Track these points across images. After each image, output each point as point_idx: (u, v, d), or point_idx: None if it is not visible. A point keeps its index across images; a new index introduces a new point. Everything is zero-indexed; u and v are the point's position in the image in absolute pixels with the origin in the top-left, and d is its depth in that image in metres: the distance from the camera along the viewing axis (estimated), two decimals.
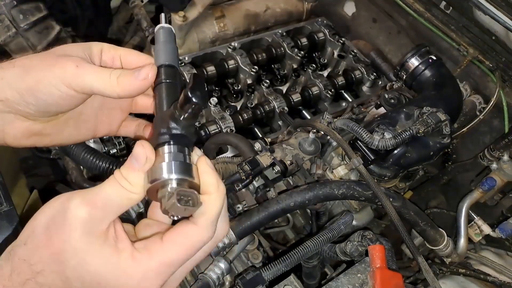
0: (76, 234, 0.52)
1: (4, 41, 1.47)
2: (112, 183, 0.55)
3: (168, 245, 0.54)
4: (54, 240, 0.53)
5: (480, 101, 1.55)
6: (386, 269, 0.95)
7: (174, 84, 0.64)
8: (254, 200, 1.12)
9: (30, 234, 0.55)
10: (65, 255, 0.52)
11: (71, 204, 0.53)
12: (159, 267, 0.54)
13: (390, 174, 1.21)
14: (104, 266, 0.53)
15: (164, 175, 0.54)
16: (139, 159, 0.55)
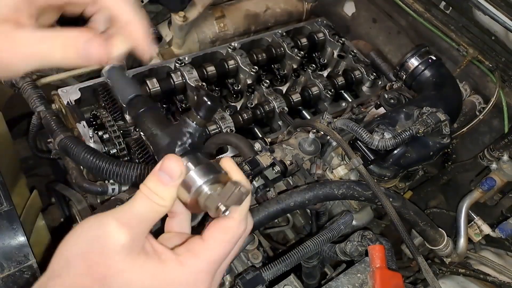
0: (119, 257, 0.52)
1: None
2: (143, 200, 0.54)
3: (210, 243, 0.56)
4: (96, 267, 0.52)
5: (480, 101, 1.55)
6: (386, 269, 0.95)
7: (153, 108, 0.66)
8: (254, 200, 1.13)
9: (65, 265, 0.53)
10: (110, 279, 0.52)
11: (109, 229, 0.52)
12: (208, 266, 0.55)
13: (390, 174, 1.21)
14: (154, 278, 0.53)
15: (200, 181, 0.57)
16: (173, 174, 0.55)
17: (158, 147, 0.63)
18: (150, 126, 0.64)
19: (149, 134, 0.64)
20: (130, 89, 0.67)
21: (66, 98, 1.37)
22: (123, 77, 0.69)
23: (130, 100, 0.67)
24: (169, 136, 0.62)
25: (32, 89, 1.32)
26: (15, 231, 0.98)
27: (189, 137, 0.62)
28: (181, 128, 0.62)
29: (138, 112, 0.66)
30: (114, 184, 1.21)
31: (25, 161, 1.89)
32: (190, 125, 0.62)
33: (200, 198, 0.57)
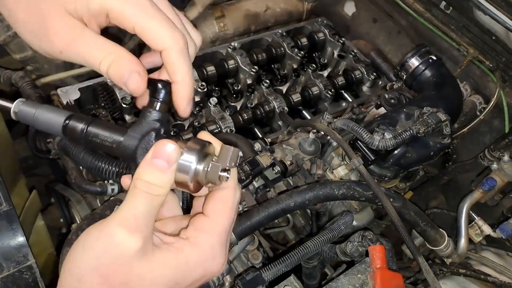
0: (136, 263, 0.51)
1: (4, 41, 1.47)
2: (143, 197, 0.53)
3: (215, 216, 0.58)
4: (112, 278, 0.51)
5: (480, 101, 1.55)
6: (386, 269, 0.95)
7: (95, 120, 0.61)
8: (254, 201, 1.12)
9: (79, 283, 0.52)
10: (130, 284, 0.52)
11: (118, 239, 0.51)
12: (219, 238, 0.57)
13: (391, 174, 1.21)
14: (177, 269, 0.54)
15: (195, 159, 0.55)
16: (171, 158, 0.53)
17: (130, 150, 0.58)
18: (106, 136, 0.59)
19: (110, 145, 0.59)
20: (58, 115, 0.60)
21: (66, 98, 1.37)
22: (40, 107, 0.60)
23: (66, 125, 0.59)
24: (137, 133, 0.59)
25: (32, 89, 1.32)
26: (15, 231, 0.98)
27: (161, 125, 0.59)
28: (147, 120, 0.59)
29: (83, 130, 0.59)
30: (113, 184, 1.20)
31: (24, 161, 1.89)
32: (154, 114, 0.59)
33: (201, 175, 0.55)
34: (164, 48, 0.59)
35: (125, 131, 0.60)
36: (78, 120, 0.59)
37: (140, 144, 0.58)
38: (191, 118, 1.52)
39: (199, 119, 1.48)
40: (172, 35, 0.59)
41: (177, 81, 0.61)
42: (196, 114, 1.49)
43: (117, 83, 0.59)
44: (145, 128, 0.59)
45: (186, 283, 0.56)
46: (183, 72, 0.61)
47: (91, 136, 0.59)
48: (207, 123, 1.40)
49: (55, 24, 0.56)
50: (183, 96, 0.61)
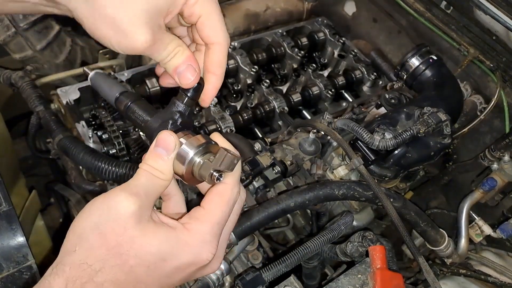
0: (130, 225, 0.56)
1: (3, 41, 1.47)
2: (145, 174, 0.60)
3: (209, 207, 0.63)
4: (108, 236, 0.56)
5: (481, 101, 1.54)
6: (386, 269, 0.95)
7: (139, 99, 0.71)
8: (254, 201, 1.12)
9: (78, 241, 0.56)
10: (124, 246, 0.56)
11: (117, 200, 0.57)
12: (212, 228, 0.62)
13: (391, 174, 1.21)
14: (165, 243, 0.58)
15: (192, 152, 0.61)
16: (168, 147, 0.60)
17: (151, 130, 0.67)
18: (140, 114, 0.68)
19: (141, 122, 0.68)
20: (115, 88, 0.72)
21: (66, 98, 1.37)
22: (107, 79, 0.73)
23: (117, 98, 0.71)
24: (160, 118, 0.67)
25: (31, 89, 1.32)
26: (14, 232, 0.98)
27: (180, 116, 0.67)
28: (171, 109, 0.68)
29: (126, 105, 0.69)
30: (113, 184, 1.20)
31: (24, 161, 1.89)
32: (179, 105, 0.67)
33: (194, 168, 0.62)
34: (217, 42, 0.66)
35: (154, 113, 0.68)
36: (126, 96, 0.70)
37: (158, 127, 0.66)
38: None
39: (199, 119, 1.47)
40: (226, 33, 0.66)
41: (217, 74, 0.68)
42: (196, 114, 1.49)
43: (171, 73, 0.65)
44: (166, 116, 0.67)
45: (173, 262, 0.59)
46: (224, 68, 0.68)
47: (130, 111, 0.69)
48: (207, 123, 1.40)
49: (139, 30, 0.60)
50: (214, 87, 0.68)
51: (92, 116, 1.38)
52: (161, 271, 0.59)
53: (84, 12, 0.59)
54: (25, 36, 1.48)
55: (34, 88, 1.33)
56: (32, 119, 1.43)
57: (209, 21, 0.65)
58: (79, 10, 0.59)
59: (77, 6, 0.59)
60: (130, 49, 0.61)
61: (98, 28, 0.60)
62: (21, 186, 1.56)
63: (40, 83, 1.45)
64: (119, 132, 1.30)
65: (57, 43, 1.58)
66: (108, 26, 0.59)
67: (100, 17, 0.58)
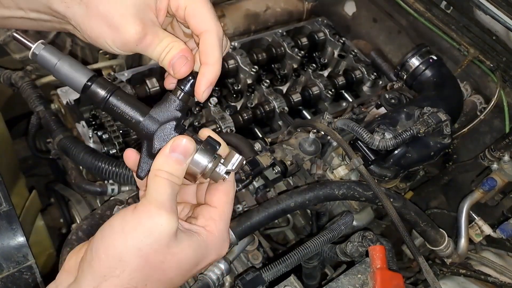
0: (172, 242, 0.59)
1: (4, 41, 1.47)
2: (169, 185, 0.60)
3: (221, 207, 0.66)
4: (152, 257, 0.57)
5: (481, 101, 1.54)
6: (386, 269, 0.95)
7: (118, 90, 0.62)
8: (254, 201, 1.12)
9: (119, 264, 0.56)
10: (167, 263, 0.59)
11: (160, 221, 0.57)
12: (226, 225, 0.67)
13: (391, 174, 1.21)
14: (198, 250, 0.62)
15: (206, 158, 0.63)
16: (187, 153, 0.61)
17: (150, 132, 0.62)
18: (128, 110, 0.61)
19: (129, 119, 0.62)
20: (81, 75, 0.59)
21: (66, 98, 1.37)
22: (64, 59, 0.58)
23: (87, 86, 0.59)
24: (158, 118, 0.62)
25: (32, 89, 1.32)
26: (14, 232, 0.98)
27: (182, 116, 0.64)
28: (169, 107, 0.63)
29: (104, 100, 0.60)
30: (113, 184, 1.20)
31: (24, 161, 1.89)
32: (177, 102, 0.64)
33: (207, 171, 0.63)
34: (206, 30, 0.65)
35: (146, 111, 0.63)
36: (101, 86, 0.60)
37: (160, 128, 0.62)
38: (191, 118, 1.52)
39: (199, 119, 1.47)
40: (216, 21, 0.66)
41: (209, 63, 0.65)
42: (196, 114, 1.49)
43: (167, 68, 0.65)
44: (167, 115, 0.63)
45: (204, 263, 0.65)
46: (216, 56, 0.65)
47: (111, 105, 0.61)
48: (207, 123, 1.40)
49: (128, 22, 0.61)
50: (208, 79, 0.65)
51: (92, 116, 1.38)
52: (192, 273, 0.65)
53: (79, 15, 0.61)
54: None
55: (34, 88, 1.33)
56: (32, 119, 1.43)
57: (195, 11, 0.65)
58: (76, 16, 0.61)
59: (74, 12, 0.61)
60: (124, 44, 0.62)
61: (93, 28, 0.61)
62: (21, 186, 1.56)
63: (40, 83, 1.45)
64: (119, 132, 1.30)
65: (57, 43, 1.58)
66: (101, 23, 0.60)
67: (93, 17, 0.60)
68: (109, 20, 0.60)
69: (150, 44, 0.63)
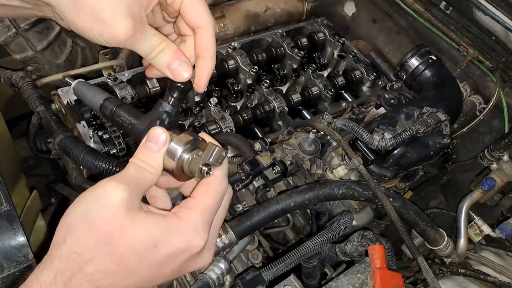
0: (120, 213, 0.56)
1: (4, 41, 1.47)
2: (134, 167, 0.61)
3: (199, 197, 0.64)
4: (98, 225, 0.55)
5: (480, 101, 1.55)
6: (386, 269, 0.95)
7: (124, 104, 0.74)
8: (254, 200, 1.12)
9: (67, 232, 0.56)
10: (114, 235, 0.55)
11: (107, 189, 0.56)
12: (202, 215, 0.62)
13: (390, 174, 1.21)
14: (156, 229, 0.58)
15: (182, 147, 0.63)
16: (159, 141, 0.62)
17: (139, 131, 0.69)
18: (126, 118, 0.71)
19: (128, 125, 0.71)
20: (99, 95, 0.74)
21: (66, 98, 1.37)
22: (90, 87, 0.77)
23: (102, 104, 0.74)
24: (147, 119, 0.69)
25: (32, 89, 1.32)
26: (15, 231, 0.98)
27: (167, 116, 0.69)
28: (158, 110, 0.70)
29: (112, 110, 0.72)
30: None
31: (25, 161, 1.89)
32: (166, 106, 0.70)
33: (184, 164, 0.63)
34: (202, 25, 0.67)
35: (140, 116, 0.71)
36: (111, 102, 0.73)
37: (146, 128, 0.67)
38: (191, 118, 1.52)
39: (199, 119, 1.48)
40: (210, 15, 0.68)
41: (207, 57, 0.69)
42: (196, 114, 1.49)
43: (162, 69, 0.67)
44: (153, 116, 0.69)
45: (165, 248, 0.58)
46: (213, 50, 0.69)
47: (116, 116, 0.72)
48: (207, 123, 1.41)
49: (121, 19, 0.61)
50: (207, 72, 0.69)
51: (93, 116, 1.38)
52: (152, 259, 0.58)
53: (65, 6, 0.60)
54: (26, 37, 1.48)
55: (35, 88, 1.33)
56: (33, 119, 1.43)
57: (192, 6, 0.67)
58: (61, 6, 0.60)
59: (60, 3, 0.60)
60: (112, 39, 0.61)
61: (80, 21, 0.61)
62: (22, 186, 1.57)
63: (41, 83, 1.45)
64: (120, 132, 1.30)
65: (58, 43, 1.58)
66: (89, 17, 0.60)
67: (81, 9, 0.59)
68: (97, 14, 0.59)
69: (139, 41, 0.63)
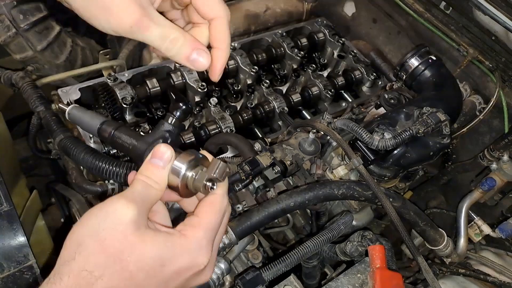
0: (129, 231, 0.57)
1: (4, 41, 1.47)
2: (141, 183, 0.62)
3: (204, 215, 0.66)
4: (108, 243, 0.56)
5: (480, 101, 1.55)
6: (386, 269, 0.95)
7: (123, 126, 0.75)
8: (254, 200, 1.12)
9: (77, 248, 0.56)
10: (124, 252, 0.56)
11: (116, 207, 0.58)
12: (206, 234, 0.64)
13: (390, 174, 1.21)
14: (164, 248, 0.60)
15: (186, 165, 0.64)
16: (165, 157, 0.63)
17: (141, 151, 0.70)
18: (127, 138, 0.72)
19: (128, 146, 0.72)
20: (96, 119, 0.76)
21: (66, 98, 1.37)
22: (86, 112, 0.78)
23: (100, 128, 0.75)
24: (149, 139, 0.70)
25: (32, 89, 1.32)
26: (15, 231, 0.98)
27: (169, 136, 0.71)
28: (160, 129, 0.71)
29: (111, 133, 0.74)
30: (114, 184, 1.21)
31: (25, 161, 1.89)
32: (167, 126, 0.71)
33: (189, 180, 0.65)
34: (217, 16, 0.69)
35: (141, 137, 0.72)
36: (109, 125, 0.75)
37: (149, 147, 0.69)
38: (191, 118, 1.52)
39: (199, 119, 1.48)
40: (225, 6, 0.69)
41: (222, 48, 0.70)
42: (196, 114, 1.49)
43: (181, 61, 0.65)
44: (156, 136, 0.71)
45: (172, 266, 0.61)
46: (228, 40, 0.71)
47: (116, 137, 0.73)
48: (207, 123, 1.41)
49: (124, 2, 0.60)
50: (223, 62, 0.70)
51: None
52: (159, 276, 0.60)
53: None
54: (26, 37, 1.49)
55: (35, 88, 1.33)
56: (33, 120, 1.43)
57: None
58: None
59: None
60: (118, 26, 0.61)
61: (88, 6, 0.61)
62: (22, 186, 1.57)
63: (41, 83, 1.45)
64: None
65: (58, 43, 1.58)
66: (95, 3, 0.60)
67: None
68: (105, 1, 0.59)
69: (146, 29, 0.62)
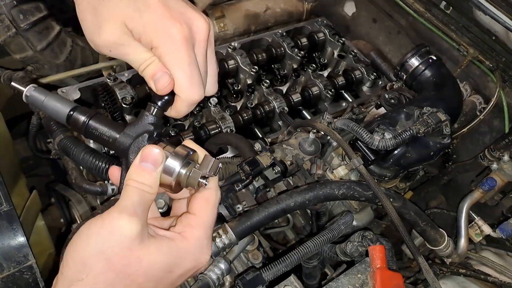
0: (135, 246, 0.58)
1: (4, 41, 1.47)
2: (136, 192, 0.60)
3: (200, 214, 0.66)
4: (115, 260, 0.57)
5: (480, 101, 1.55)
6: (386, 269, 0.95)
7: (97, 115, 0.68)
8: (254, 200, 1.12)
9: (83, 269, 0.56)
10: (132, 267, 0.58)
11: (121, 224, 0.57)
12: (205, 232, 0.65)
13: (390, 174, 1.21)
14: (169, 256, 0.61)
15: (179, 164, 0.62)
16: (156, 162, 0.61)
17: (125, 147, 0.65)
18: (104, 131, 0.66)
19: (107, 138, 0.66)
20: (65, 105, 0.66)
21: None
22: (51, 96, 0.66)
23: (70, 115, 0.66)
24: (132, 133, 0.66)
25: None
26: (15, 231, 0.98)
27: (154, 129, 0.66)
28: (143, 122, 0.66)
29: (85, 123, 0.66)
30: (113, 184, 1.20)
31: (25, 161, 1.89)
32: (150, 117, 0.66)
33: (182, 178, 0.63)
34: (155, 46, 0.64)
35: (122, 129, 0.66)
36: (81, 112, 0.66)
37: (133, 142, 0.65)
38: (191, 118, 1.52)
39: (199, 119, 1.48)
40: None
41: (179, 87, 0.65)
42: (196, 114, 1.49)
43: (148, 80, 0.65)
44: (140, 129, 0.66)
45: (178, 271, 0.63)
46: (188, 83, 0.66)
47: (91, 128, 0.66)
48: (207, 123, 1.41)
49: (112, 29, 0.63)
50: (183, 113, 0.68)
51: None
52: (166, 281, 0.62)
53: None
54: (26, 37, 1.49)
55: None
56: (33, 120, 1.43)
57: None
58: None
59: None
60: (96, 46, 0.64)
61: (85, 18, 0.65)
62: (22, 186, 1.57)
63: (41, 83, 1.45)
64: None
65: (58, 43, 1.58)
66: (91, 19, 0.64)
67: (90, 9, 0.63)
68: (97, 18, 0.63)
69: (129, 54, 0.65)
